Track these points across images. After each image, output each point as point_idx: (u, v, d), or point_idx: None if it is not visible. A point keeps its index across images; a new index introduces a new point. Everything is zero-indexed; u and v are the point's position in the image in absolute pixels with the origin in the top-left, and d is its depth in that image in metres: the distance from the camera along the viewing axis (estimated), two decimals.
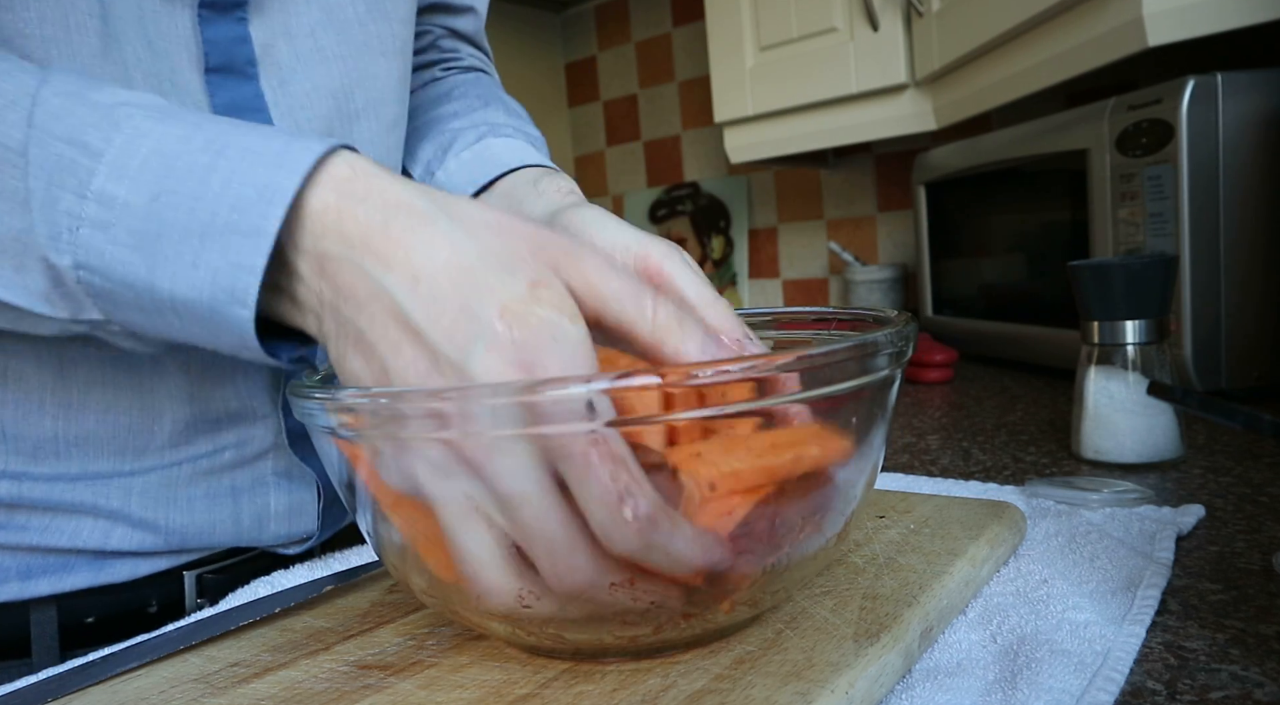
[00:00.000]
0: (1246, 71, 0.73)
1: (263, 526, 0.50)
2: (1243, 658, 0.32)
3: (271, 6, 0.45)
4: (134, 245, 0.30)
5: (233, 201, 0.29)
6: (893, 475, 0.62)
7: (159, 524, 0.46)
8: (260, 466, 0.49)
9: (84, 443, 0.44)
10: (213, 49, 0.43)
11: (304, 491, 0.51)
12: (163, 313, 0.31)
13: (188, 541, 0.47)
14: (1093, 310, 0.61)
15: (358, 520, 0.33)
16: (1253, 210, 0.75)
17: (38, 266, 0.31)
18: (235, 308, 0.30)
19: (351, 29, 0.48)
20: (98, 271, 0.31)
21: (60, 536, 0.44)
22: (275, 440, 0.49)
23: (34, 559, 0.44)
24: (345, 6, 0.48)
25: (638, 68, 1.88)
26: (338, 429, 0.29)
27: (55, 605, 0.45)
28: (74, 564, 0.45)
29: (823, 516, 0.31)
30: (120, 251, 0.30)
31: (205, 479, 0.47)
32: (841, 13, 1.20)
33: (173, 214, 0.30)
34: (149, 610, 0.48)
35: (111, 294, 0.31)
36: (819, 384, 0.28)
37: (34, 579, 0.44)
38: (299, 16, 0.46)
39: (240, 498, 0.49)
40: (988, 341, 1.08)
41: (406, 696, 0.31)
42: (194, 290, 0.30)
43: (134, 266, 0.30)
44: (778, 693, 0.28)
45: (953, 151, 1.12)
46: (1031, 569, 0.41)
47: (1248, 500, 0.50)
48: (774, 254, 1.72)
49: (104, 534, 0.45)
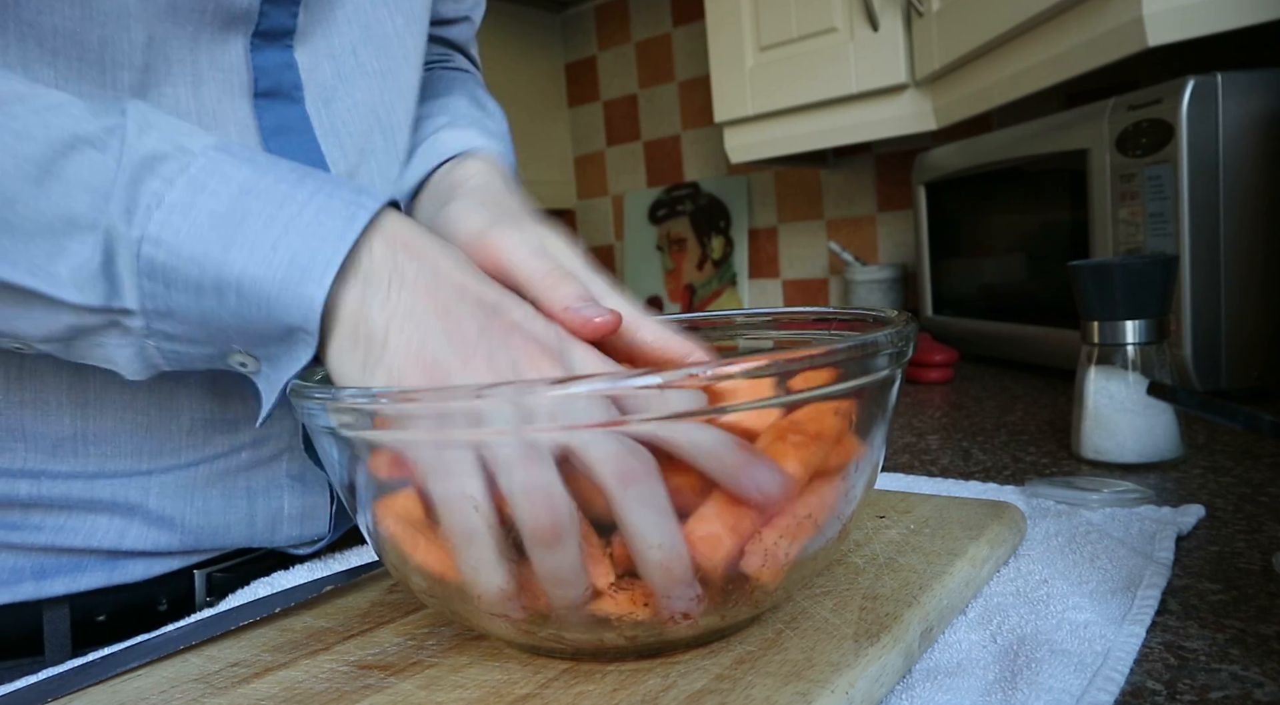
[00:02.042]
0: (1246, 71, 0.73)
1: (276, 528, 0.50)
2: (1243, 658, 0.32)
3: (315, 31, 0.46)
4: (213, 226, 0.32)
5: (321, 205, 0.33)
6: (893, 475, 0.62)
7: (175, 521, 0.47)
8: (275, 469, 0.50)
9: (102, 441, 0.44)
10: (262, 75, 0.44)
11: (318, 494, 0.52)
12: (222, 291, 0.32)
13: (202, 541, 0.48)
14: (1093, 310, 0.61)
15: (357, 520, 0.33)
16: (1253, 210, 0.75)
17: (91, 243, 0.32)
18: (309, 285, 0.32)
19: (390, 43, 0.50)
20: (166, 245, 0.32)
21: (75, 536, 0.45)
22: (290, 443, 0.50)
23: (49, 559, 0.45)
24: (384, 21, 0.49)
25: (638, 68, 1.88)
26: (338, 429, 0.29)
27: (68, 604, 0.46)
28: (88, 564, 0.46)
29: (825, 515, 0.31)
30: (197, 229, 0.32)
31: (221, 479, 0.48)
32: (841, 13, 1.20)
33: (260, 205, 0.33)
34: (159, 608, 0.48)
35: (171, 270, 0.32)
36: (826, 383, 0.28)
37: (49, 579, 0.45)
38: (341, 37, 0.47)
39: (255, 499, 0.49)
40: (988, 341, 1.08)
41: (406, 696, 0.31)
42: (268, 268, 0.32)
43: (208, 243, 0.32)
44: (778, 693, 0.28)
45: (953, 151, 1.12)
46: (1031, 569, 0.41)
47: (1248, 500, 0.50)
48: (774, 254, 1.72)
49: (119, 533, 0.45)
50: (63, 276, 0.32)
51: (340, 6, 0.47)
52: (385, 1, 0.49)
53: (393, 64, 0.50)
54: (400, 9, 0.50)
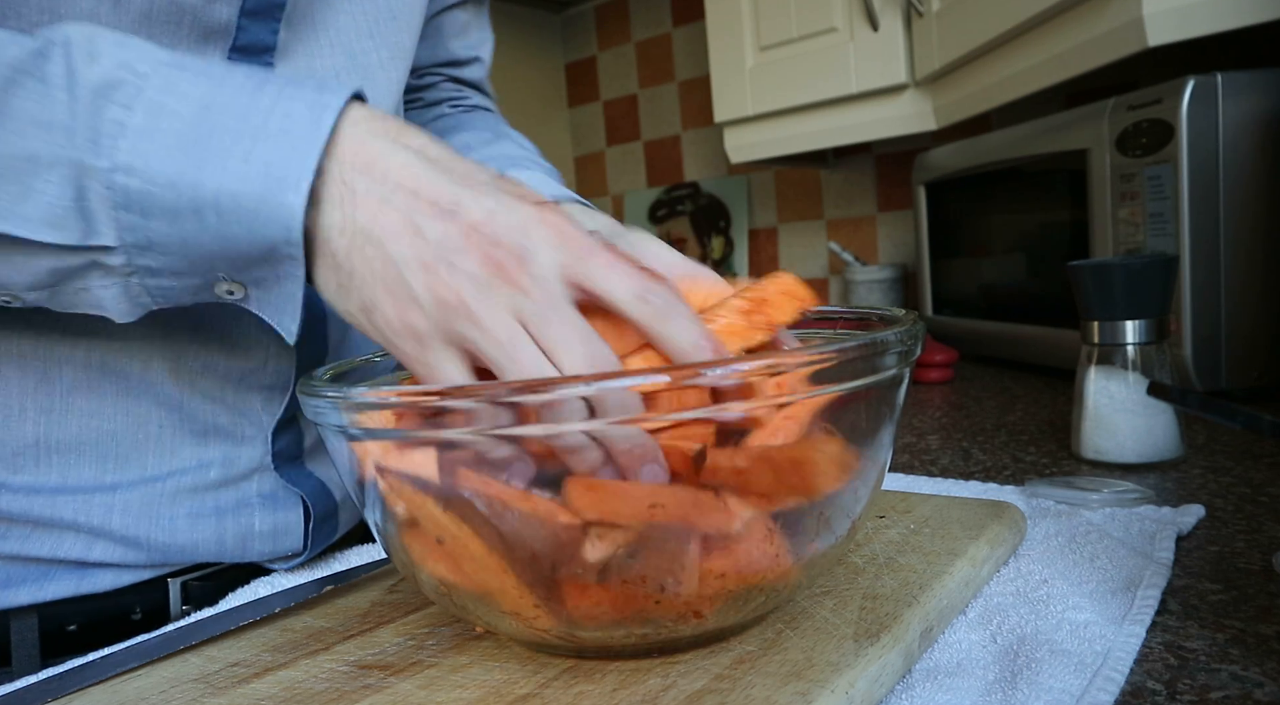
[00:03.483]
0: (1246, 71, 0.73)
1: (246, 545, 0.49)
2: (1243, 658, 0.32)
3: (297, 49, 0.46)
4: (181, 147, 0.31)
5: (285, 111, 0.32)
6: (893, 475, 0.62)
7: (141, 541, 0.45)
8: (245, 488, 0.49)
9: (65, 450, 0.43)
10: None
11: (290, 513, 0.50)
12: (201, 212, 0.32)
13: (170, 557, 0.46)
14: (1093, 310, 0.61)
15: (366, 517, 0.33)
16: (1253, 210, 0.75)
17: (57, 180, 0.31)
18: (287, 194, 0.31)
19: (374, 74, 0.50)
20: (138, 173, 0.31)
21: (41, 547, 0.44)
22: (261, 463, 0.49)
23: (14, 568, 0.44)
24: (369, 53, 0.49)
25: (638, 68, 1.88)
26: (348, 427, 0.29)
27: (36, 613, 0.44)
28: (55, 573, 0.44)
29: (832, 515, 0.31)
30: (166, 152, 0.31)
31: (189, 497, 0.47)
32: (841, 13, 1.20)
33: (224, 119, 0.32)
34: (133, 617, 0.47)
35: (147, 197, 0.31)
36: (827, 382, 0.28)
37: (13, 588, 0.43)
38: (324, 59, 0.47)
39: (224, 517, 0.48)
40: (988, 341, 1.08)
41: (406, 696, 0.31)
42: (244, 182, 0.31)
43: (180, 164, 0.31)
44: (778, 693, 0.28)
45: (953, 151, 1.12)
46: (1031, 569, 0.41)
47: (1248, 500, 0.50)
48: (774, 254, 1.72)
49: (85, 547, 0.44)
50: (34, 217, 0.32)
51: (324, 29, 0.47)
52: (371, 34, 0.49)
53: (376, 95, 0.50)
54: (386, 42, 0.50)
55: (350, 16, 0.48)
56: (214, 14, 0.41)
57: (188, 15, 0.41)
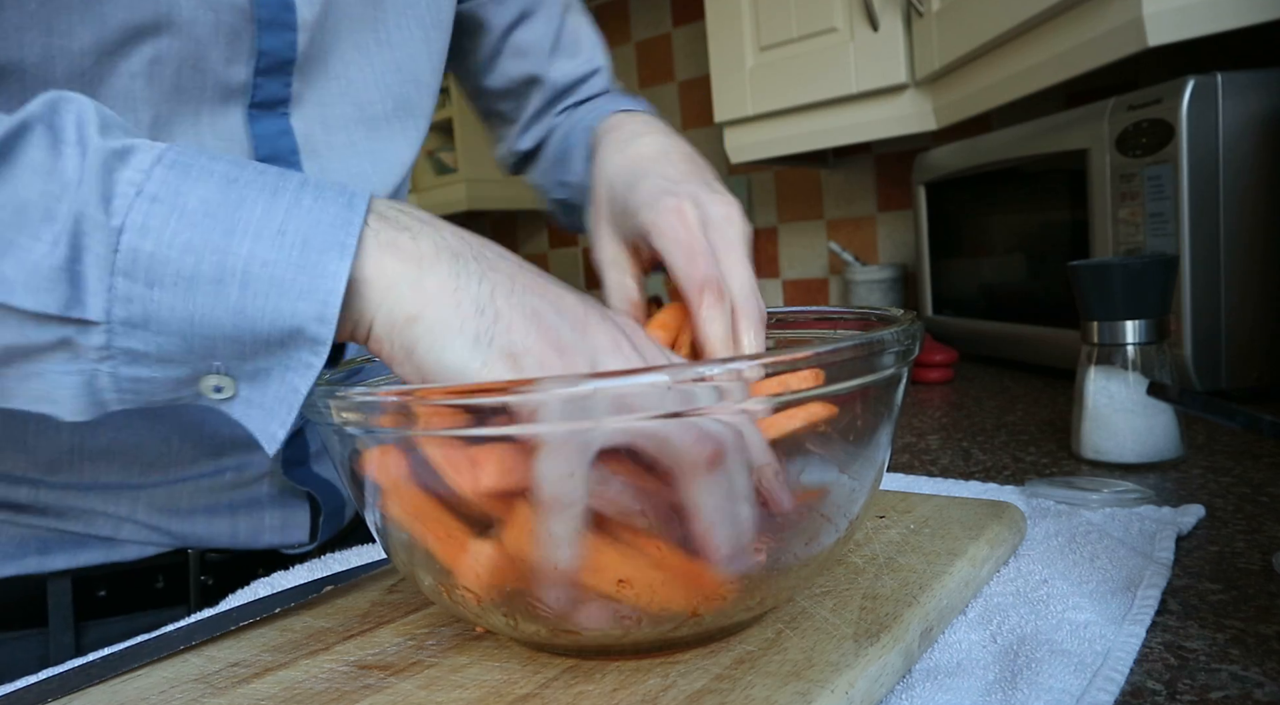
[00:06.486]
0: (1246, 71, 0.73)
1: (258, 536, 0.54)
2: (1243, 658, 0.32)
3: (309, 100, 0.48)
4: (206, 213, 0.29)
5: (314, 193, 0.30)
6: (893, 475, 0.62)
7: (162, 528, 0.51)
8: (256, 489, 0.53)
9: (96, 457, 0.48)
10: (260, 142, 0.47)
11: (298, 510, 0.55)
12: (222, 283, 0.28)
13: (189, 542, 0.52)
14: (1093, 310, 0.61)
15: (365, 517, 0.33)
16: (1253, 210, 0.74)
17: (49, 236, 0.27)
18: (330, 256, 0.29)
19: (379, 125, 0.52)
20: (155, 234, 0.28)
21: (75, 524, 0.49)
22: (271, 467, 0.53)
23: (51, 537, 0.49)
24: (375, 103, 0.52)
25: (638, 68, 1.88)
26: (345, 427, 0.29)
27: (70, 578, 0.49)
28: (88, 543, 0.50)
29: (830, 512, 0.31)
30: (189, 216, 0.28)
31: (206, 495, 0.51)
32: (841, 13, 1.20)
33: (253, 193, 0.29)
34: (156, 585, 0.52)
35: (160, 263, 0.28)
36: (827, 382, 0.28)
37: (51, 554, 0.49)
38: (333, 108, 0.50)
39: (237, 512, 0.53)
40: (988, 341, 1.08)
41: (406, 696, 0.31)
42: (280, 250, 0.29)
43: (206, 230, 0.28)
44: (778, 693, 0.28)
45: (953, 151, 1.12)
46: (1031, 569, 0.41)
47: (1248, 500, 0.50)
48: (774, 254, 1.72)
49: (114, 527, 0.50)
50: (9, 276, 0.27)
51: (334, 79, 0.49)
52: (377, 85, 0.51)
53: (380, 145, 0.52)
54: (391, 94, 0.52)
55: (359, 68, 0.50)
56: (233, 76, 0.44)
57: (209, 79, 0.43)
